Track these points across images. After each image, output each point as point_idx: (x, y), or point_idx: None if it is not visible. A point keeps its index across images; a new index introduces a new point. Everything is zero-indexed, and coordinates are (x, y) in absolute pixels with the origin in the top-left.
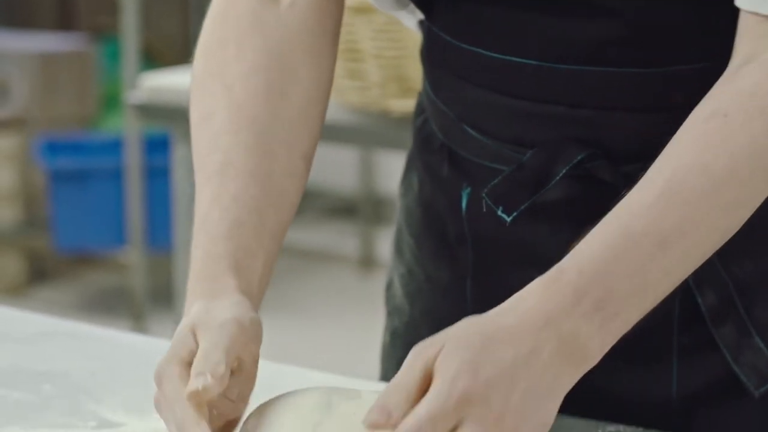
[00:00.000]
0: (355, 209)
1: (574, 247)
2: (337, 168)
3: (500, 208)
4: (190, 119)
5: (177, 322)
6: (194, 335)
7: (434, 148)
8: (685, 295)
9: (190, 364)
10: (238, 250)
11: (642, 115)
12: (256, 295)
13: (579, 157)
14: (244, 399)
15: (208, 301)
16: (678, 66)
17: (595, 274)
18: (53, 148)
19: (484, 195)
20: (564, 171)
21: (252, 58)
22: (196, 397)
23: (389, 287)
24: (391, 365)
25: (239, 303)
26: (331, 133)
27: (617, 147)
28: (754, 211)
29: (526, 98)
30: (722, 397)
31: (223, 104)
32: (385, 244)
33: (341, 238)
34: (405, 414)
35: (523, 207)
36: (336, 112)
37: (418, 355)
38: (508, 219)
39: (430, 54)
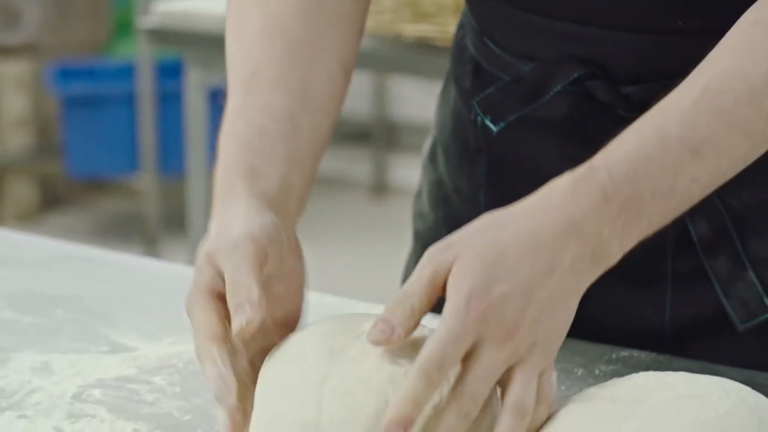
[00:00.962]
0: (368, 135)
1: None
2: (350, 93)
3: (488, 117)
4: (225, 32)
5: (190, 247)
6: (212, 261)
7: (465, 61)
8: (678, 222)
9: (212, 290)
10: (257, 156)
11: (646, 36)
12: (281, 200)
13: (576, 75)
14: (288, 325)
15: (223, 217)
16: None
17: (625, 176)
18: (66, 74)
19: (474, 103)
20: (559, 87)
21: None
22: (243, 334)
23: (418, 196)
24: (411, 270)
25: (248, 210)
26: None
27: (618, 68)
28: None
29: (536, 13)
30: (713, 329)
31: (256, 14)
32: (397, 169)
33: (354, 164)
34: (408, 329)
35: (511, 119)
36: None
37: (428, 262)
38: (495, 129)
39: None
